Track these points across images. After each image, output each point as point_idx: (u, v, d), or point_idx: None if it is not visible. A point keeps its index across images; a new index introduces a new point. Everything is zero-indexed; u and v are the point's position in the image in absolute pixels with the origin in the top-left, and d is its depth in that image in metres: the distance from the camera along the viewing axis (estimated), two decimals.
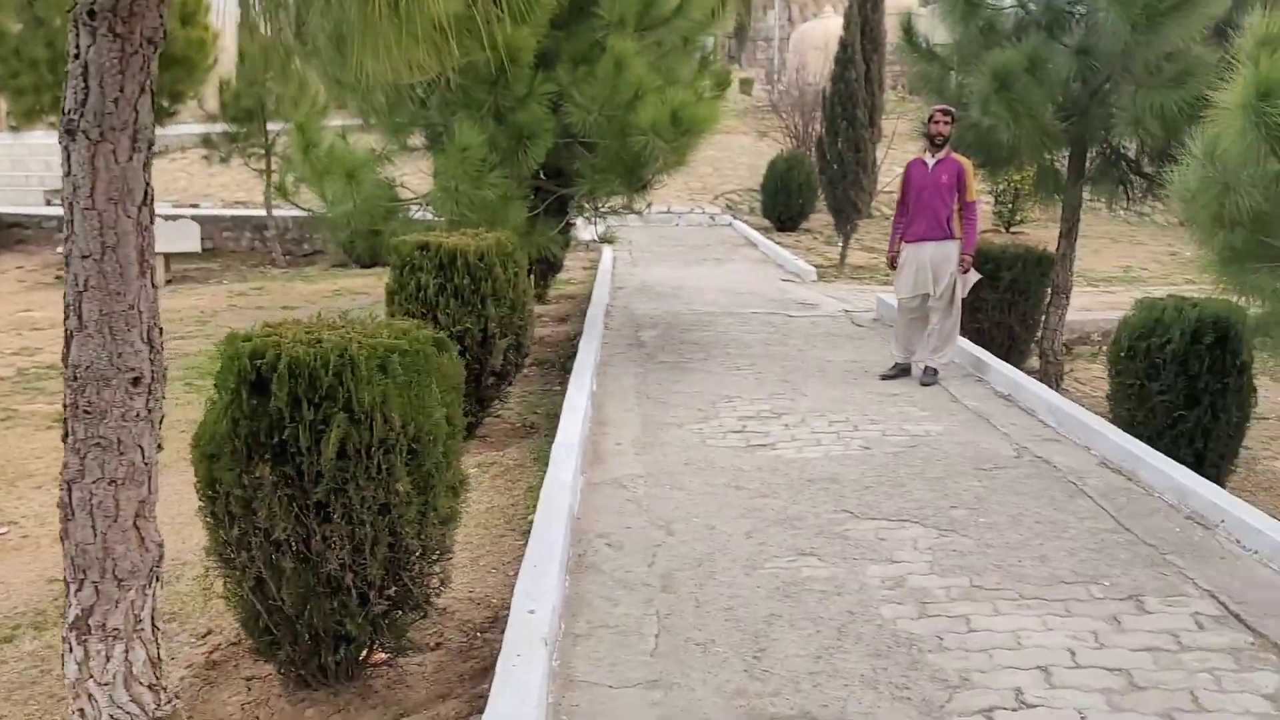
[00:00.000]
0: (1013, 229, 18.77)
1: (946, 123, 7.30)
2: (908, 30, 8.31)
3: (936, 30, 8.42)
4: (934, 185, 7.28)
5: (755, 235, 16.92)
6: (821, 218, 17.74)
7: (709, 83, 8.59)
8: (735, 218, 19.15)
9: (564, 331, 10.01)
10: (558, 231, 8.13)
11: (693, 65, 8.26)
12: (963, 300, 7.46)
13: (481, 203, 6.89)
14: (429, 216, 7.57)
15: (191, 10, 15.88)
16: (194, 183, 20.68)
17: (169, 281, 14.28)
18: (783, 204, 18.20)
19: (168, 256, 14.50)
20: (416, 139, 8.05)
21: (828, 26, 27.94)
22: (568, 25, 7.40)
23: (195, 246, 15.27)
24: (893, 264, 7.62)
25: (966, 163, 7.41)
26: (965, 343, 8.02)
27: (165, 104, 15.03)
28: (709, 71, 8.35)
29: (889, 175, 16.01)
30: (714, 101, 7.41)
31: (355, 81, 7.87)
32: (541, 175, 8.01)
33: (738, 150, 24.67)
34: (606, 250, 14.96)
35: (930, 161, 7.35)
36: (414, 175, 8.38)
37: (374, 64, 3.03)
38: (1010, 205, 18.66)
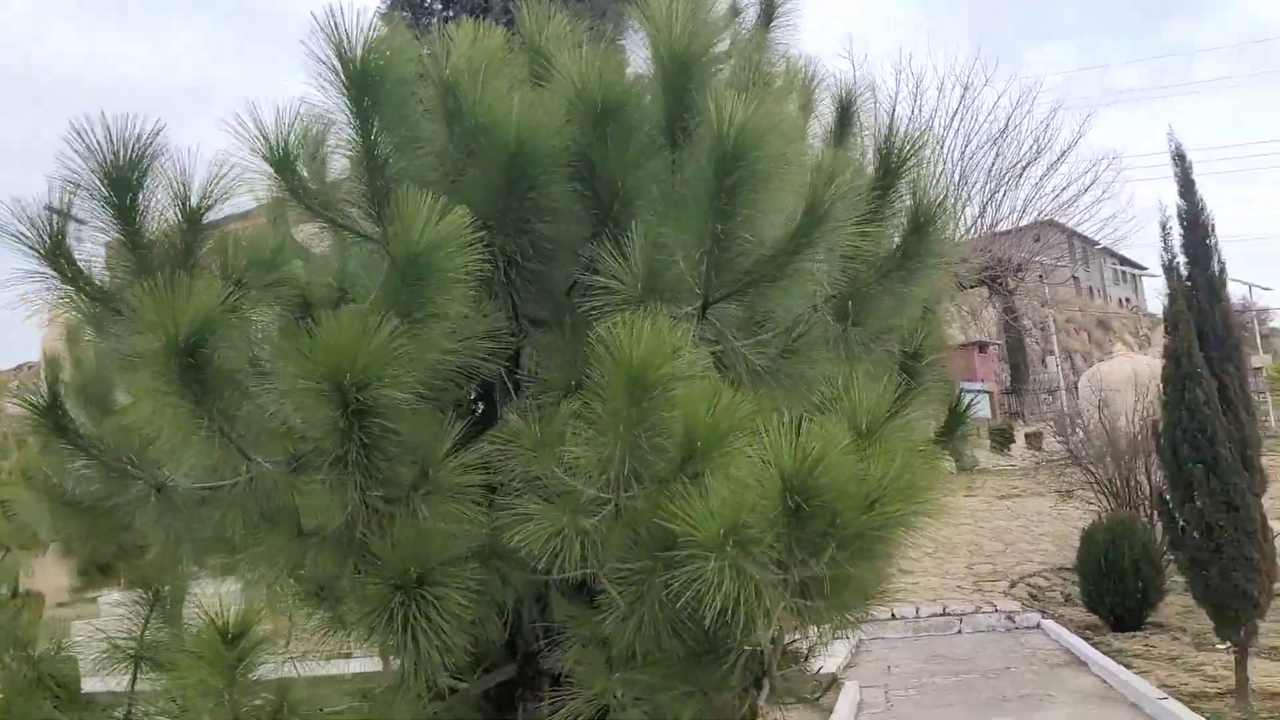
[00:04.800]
0: None
1: None
2: None
3: None
4: None
5: (1082, 647, 11.25)
6: (1180, 601, 11.96)
7: None
8: (1044, 613, 13.53)
9: None
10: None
11: None
12: None
13: None
14: None
15: None
16: None
17: None
18: (1113, 590, 12.53)
19: None
20: None
21: (1135, 365, 22.73)
22: None
23: None
24: None
25: None
26: None
27: None
28: None
29: None
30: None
31: None
32: None
33: (1034, 517, 19.18)
34: (848, 691, 9.84)
35: None
36: None
37: None
38: None
